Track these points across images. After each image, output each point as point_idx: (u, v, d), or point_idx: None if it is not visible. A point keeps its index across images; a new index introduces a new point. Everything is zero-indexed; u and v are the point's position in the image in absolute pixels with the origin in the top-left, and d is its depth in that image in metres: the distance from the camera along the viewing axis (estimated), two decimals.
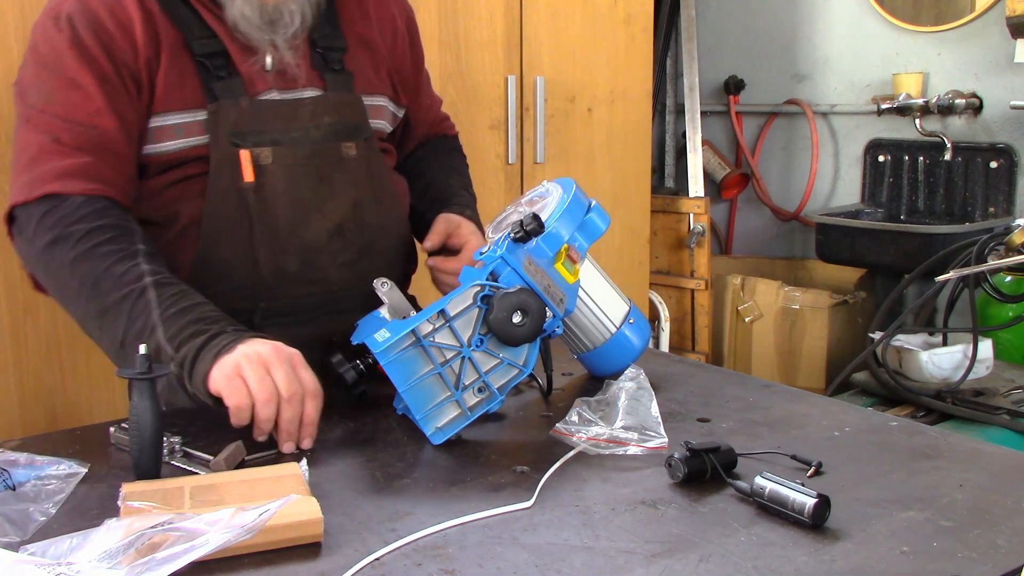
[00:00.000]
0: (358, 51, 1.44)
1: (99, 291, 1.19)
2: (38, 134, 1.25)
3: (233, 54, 1.32)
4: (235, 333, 1.15)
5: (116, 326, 1.18)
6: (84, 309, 1.22)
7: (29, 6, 1.74)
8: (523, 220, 1.18)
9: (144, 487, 0.96)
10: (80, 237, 1.21)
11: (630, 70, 2.86)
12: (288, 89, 1.35)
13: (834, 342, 3.08)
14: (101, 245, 1.21)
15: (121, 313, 1.17)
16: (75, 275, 1.21)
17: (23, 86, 1.29)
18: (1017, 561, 0.85)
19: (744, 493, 0.98)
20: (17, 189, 1.25)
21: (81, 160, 1.24)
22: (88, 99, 1.25)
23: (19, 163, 1.27)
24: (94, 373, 1.88)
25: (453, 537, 0.91)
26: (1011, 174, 2.89)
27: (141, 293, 1.17)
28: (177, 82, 1.29)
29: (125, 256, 1.20)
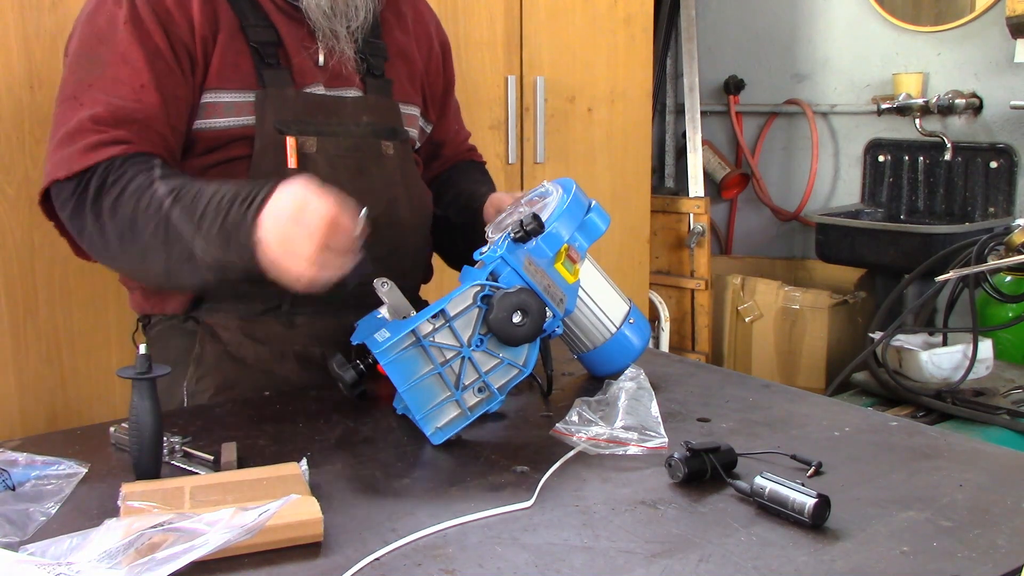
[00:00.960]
0: (396, 61, 1.50)
1: (134, 234, 1.22)
2: (78, 109, 1.26)
3: (288, 45, 1.36)
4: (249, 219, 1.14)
5: (157, 260, 1.22)
6: (128, 256, 1.25)
7: (29, 6, 1.74)
8: (523, 220, 1.18)
9: (144, 487, 0.96)
10: (116, 196, 1.22)
11: (630, 70, 2.86)
12: (333, 86, 1.40)
13: (834, 342, 3.08)
14: (125, 190, 1.23)
15: (157, 248, 1.21)
16: (113, 230, 1.23)
17: (72, 57, 1.30)
18: (1017, 561, 0.85)
19: (744, 493, 0.98)
20: (52, 166, 1.26)
21: (116, 133, 1.25)
22: (135, 75, 1.27)
23: (55, 136, 1.27)
24: (94, 373, 1.88)
25: (453, 537, 0.91)
26: (1011, 174, 2.89)
27: (167, 222, 1.20)
28: (232, 62, 1.33)
29: (144, 189, 1.22)
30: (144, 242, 1.21)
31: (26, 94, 1.75)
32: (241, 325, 1.38)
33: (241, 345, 1.38)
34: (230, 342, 1.38)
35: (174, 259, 1.21)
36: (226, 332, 1.38)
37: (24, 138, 1.76)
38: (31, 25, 1.75)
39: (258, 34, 1.35)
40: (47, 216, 1.35)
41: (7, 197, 1.75)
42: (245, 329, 1.39)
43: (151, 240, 1.21)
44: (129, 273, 1.39)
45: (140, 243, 1.22)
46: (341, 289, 1.38)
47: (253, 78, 1.33)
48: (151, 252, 1.22)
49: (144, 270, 1.28)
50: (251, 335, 1.39)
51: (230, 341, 1.38)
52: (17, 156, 1.76)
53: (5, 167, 1.74)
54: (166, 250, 1.21)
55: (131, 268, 1.32)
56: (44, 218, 1.77)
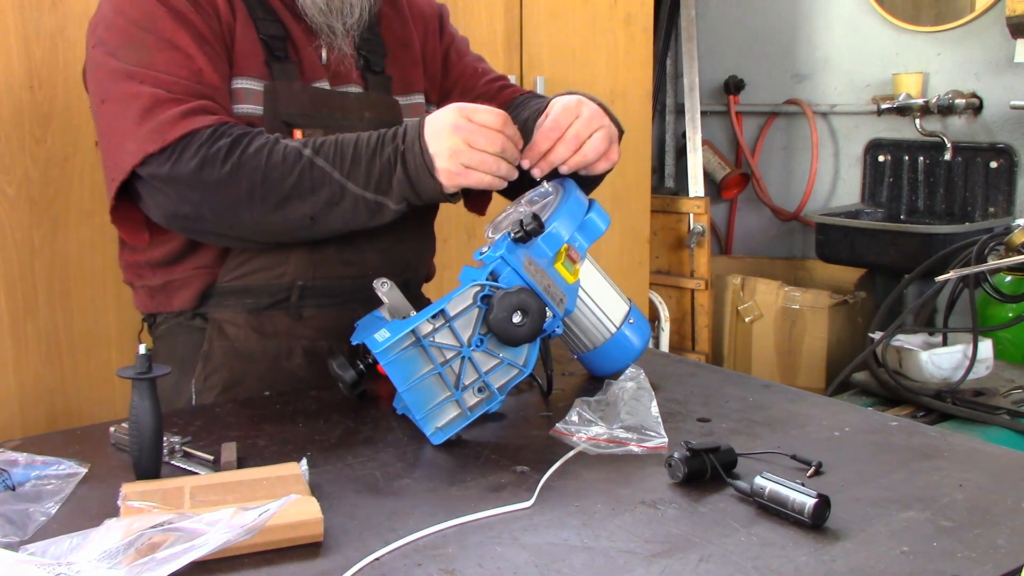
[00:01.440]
0: (397, 52, 1.51)
1: (269, 185, 1.23)
2: (146, 87, 1.24)
3: (297, 40, 1.38)
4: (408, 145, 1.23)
5: (303, 206, 1.25)
6: (259, 209, 1.25)
7: (29, 6, 1.75)
8: (523, 220, 1.18)
9: (144, 487, 0.96)
10: (227, 150, 1.22)
11: (630, 70, 2.86)
12: (337, 83, 1.42)
13: (834, 342, 3.08)
14: (248, 147, 1.23)
15: (303, 192, 1.24)
16: (239, 182, 1.23)
17: (111, 46, 1.28)
18: (1017, 561, 0.85)
19: (744, 493, 0.98)
20: (142, 140, 1.22)
21: (199, 103, 1.25)
22: (189, 60, 1.27)
23: (129, 115, 1.24)
24: (94, 373, 1.88)
25: (453, 537, 0.91)
26: (1011, 174, 2.90)
27: (311, 165, 1.23)
28: (249, 50, 1.35)
29: (273, 146, 1.24)
30: (285, 192, 1.23)
31: (26, 94, 1.75)
32: (249, 319, 1.39)
33: (249, 340, 1.39)
34: (237, 337, 1.39)
35: (321, 204, 1.24)
36: (233, 327, 1.39)
37: (24, 138, 1.76)
38: (31, 25, 1.75)
39: (267, 27, 1.37)
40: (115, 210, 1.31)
41: (7, 197, 1.75)
42: (253, 323, 1.39)
43: (293, 189, 1.23)
44: (248, 229, 1.29)
45: (278, 193, 1.23)
46: (346, 281, 1.39)
47: (264, 69, 1.35)
48: (294, 200, 1.24)
49: (276, 222, 1.26)
50: (259, 329, 1.39)
51: (237, 336, 1.39)
52: (17, 156, 1.76)
53: (5, 167, 1.75)
54: (313, 196, 1.24)
55: (257, 222, 1.26)
56: (44, 218, 1.79)
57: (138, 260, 1.43)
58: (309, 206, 1.25)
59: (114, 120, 1.27)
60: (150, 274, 1.42)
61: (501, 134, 1.22)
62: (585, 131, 1.29)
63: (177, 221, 1.29)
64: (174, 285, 1.40)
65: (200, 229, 1.31)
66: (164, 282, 1.41)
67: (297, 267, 1.38)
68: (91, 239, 1.85)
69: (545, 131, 1.28)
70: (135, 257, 1.43)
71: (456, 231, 2.44)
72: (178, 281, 1.40)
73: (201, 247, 1.37)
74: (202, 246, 1.37)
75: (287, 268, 1.38)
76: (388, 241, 1.44)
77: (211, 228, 1.29)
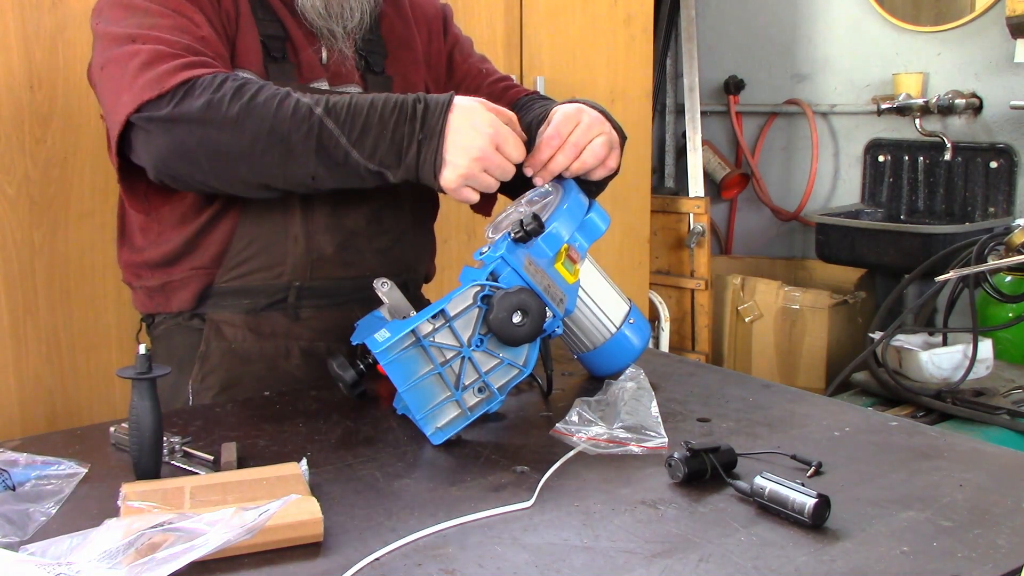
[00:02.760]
0: (399, 53, 1.51)
1: (275, 137, 1.19)
2: (148, 44, 1.22)
3: (296, 41, 1.38)
4: (426, 131, 1.20)
5: (305, 164, 1.21)
6: (259, 161, 1.21)
7: (29, 6, 1.75)
8: (523, 220, 1.18)
9: (144, 487, 0.96)
10: (232, 95, 1.19)
11: (630, 70, 2.86)
12: (336, 84, 1.41)
13: (834, 342, 3.08)
14: (257, 96, 1.20)
15: (307, 151, 1.20)
16: (243, 131, 1.19)
17: (115, 18, 1.26)
18: (1017, 561, 0.85)
19: (744, 493, 0.98)
20: (139, 89, 1.19)
21: (200, 59, 1.23)
22: (195, 27, 1.27)
23: (127, 71, 1.21)
24: (94, 373, 1.89)
25: (453, 537, 0.91)
26: (1011, 174, 2.90)
27: (320, 126, 1.20)
28: (249, 48, 1.34)
29: (284, 98, 1.20)
30: (289, 147, 1.20)
31: (26, 94, 1.75)
32: (247, 320, 1.39)
33: (246, 341, 1.39)
34: (235, 338, 1.39)
35: (323, 166, 1.21)
36: (231, 328, 1.39)
37: (24, 138, 1.76)
38: (31, 25, 1.75)
39: (265, 27, 1.37)
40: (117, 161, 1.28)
41: (7, 197, 1.75)
42: (251, 324, 1.39)
43: (298, 146, 1.20)
44: (240, 181, 1.25)
45: (282, 148, 1.20)
46: (345, 283, 1.39)
47: (262, 69, 1.35)
48: (297, 158, 1.21)
49: (274, 176, 1.23)
50: (256, 330, 1.39)
51: (235, 337, 1.39)
52: (17, 156, 1.76)
53: (5, 167, 1.74)
54: (316, 157, 1.21)
55: (255, 173, 1.23)
56: (44, 218, 1.79)
57: (136, 260, 1.43)
58: (311, 166, 1.22)
59: (112, 79, 1.23)
60: (148, 275, 1.42)
61: (515, 167, 1.23)
62: (584, 138, 1.29)
63: (168, 168, 1.23)
64: (172, 286, 1.40)
65: (190, 179, 1.25)
66: (162, 283, 1.41)
67: (295, 268, 1.38)
68: (91, 239, 1.85)
69: (547, 139, 1.28)
70: (133, 257, 1.44)
71: (456, 232, 2.44)
72: (176, 282, 1.40)
73: (199, 247, 1.37)
74: (200, 246, 1.37)
75: (285, 269, 1.38)
76: (387, 242, 1.43)
77: (202, 177, 1.24)
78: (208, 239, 1.37)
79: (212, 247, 1.37)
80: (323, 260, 1.39)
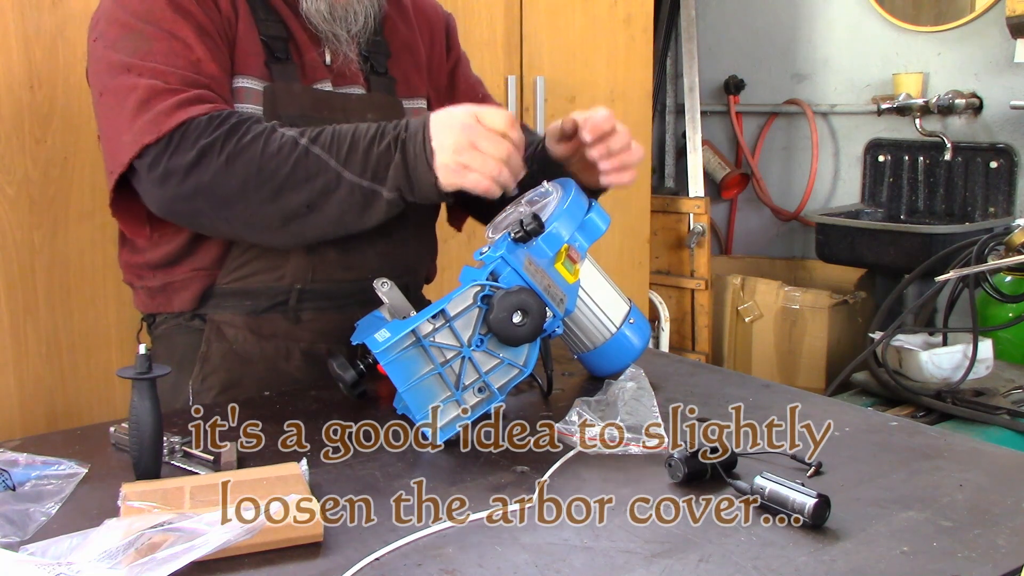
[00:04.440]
0: (401, 55, 1.52)
1: (265, 175, 1.22)
2: (144, 79, 1.24)
3: (300, 42, 1.39)
4: (410, 136, 1.23)
5: (298, 195, 1.23)
6: (255, 198, 1.23)
7: (29, 6, 1.75)
8: (523, 220, 1.18)
9: (144, 487, 0.96)
10: (223, 140, 1.21)
11: (630, 70, 2.86)
12: (340, 85, 1.42)
13: (834, 342, 3.08)
14: (244, 137, 1.22)
15: (298, 182, 1.23)
16: (234, 173, 1.22)
17: (110, 39, 1.28)
18: (1017, 561, 0.85)
19: (744, 493, 0.98)
20: (138, 132, 1.22)
21: (195, 93, 1.25)
22: (188, 49, 1.27)
23: (125, 107, 1.24)
24: (94, 373, 1.88)
25: (453, 537, 0.91)
26: (1011, 174, 2.90)
27: (306, 154, 1.22)
28: (250, 50, 1.35)
29: (269, 135, 1.23)
30: (279, 181, 1.22)
31: (26, 94, 1.75)
32: (247, 321, 1.39)
33: (247, 342, 1.39)
34: (236, 339, 1.39)
35: (317, 192, 1.23)
36: (232, 329, 1.39)
37: (24, 138, 1.76)
38: (31, 25, 1.75)
39: (268, 28, 1.37)
40: (115, 203, 1.31)
41: (7, 197, 1.75)
42: (251, 325, 1.39)
43: (288, 179, 1.22)
44: (242, 222, 1.27)
45: (273, 183, 1.22)
46: (346, 285, 1.39)
47: (264, 70, 1.35)
48: (289, 190, 1.23)
49: (271, 213, 1.25)
50: (257, 331, 1.39)
51: (236, 338, 1.39)
52: (17, 156, 1.76)
53: (5, 167, 1.74)
54: (308, 184, 1.23)
55: (252, 212, 1.25)
56: (44, 218, 1.79)
57: (137, 261, 1.43)
58: (305, 195, 1.24)
59: (111, 113, 1.27)
60: (149, 275, 1.42)
61: (507, 140, 1.21)
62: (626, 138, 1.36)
63: (174, 213, 1.28)
64: (174, 286, 1.40)
65: (197, 221, 1.30)
66: (163, 283, 1.41)
67: (296, 270, 1.38)
68: (91, 239, 1.85)
69: (604, 117, 1.31)
70: (134, 258, 1.44)
71: (456, 232, 2.44)
72: (177, 282, 1.40)
73: (200, 249, 1.37)
74: (201, 248, 1.37)
75: (286, 271, 1.38)
76: (388, 244, 1.43)
77: (207, 221, 1.29)
78: (210, 241, 1.37)
79: (213, 249, 1.37)
80: (324, 262, 1.39)
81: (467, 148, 1.20)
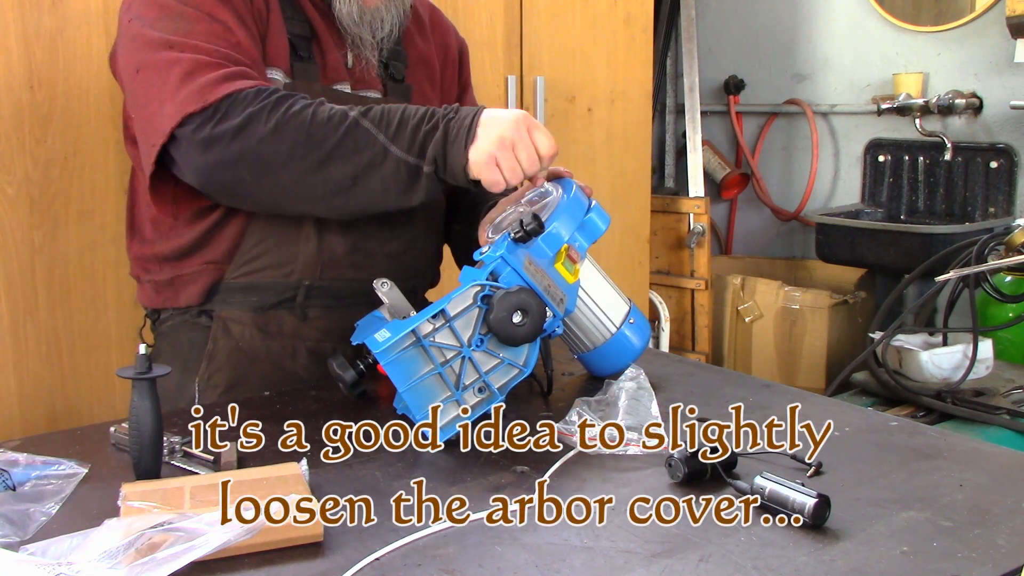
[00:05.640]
0: (417, 67, 1.54)
1: (313, 143, 1.22)
2: (186, 53, 1.23)
3: (324, 43, 1.40)
4: (458, 119, 1.24)
5: (344, 166, 1.24)
6: (300, 167, 1.24)
7: (29, 6, 1.74)
8: (523, 220, 1.18)
9: (144, 487, 0.96)
10: (270, 109, 1.22)
11: (630, 70, 2.86)
12: (358, 88, 1.43)
13: (834, 342, 3.08)
14: (292, 106, 1.23)
15: (346, 152, 1.23)
16: (282, 140, 1.22)
17: (149, 19, 1.27)
18: (1017, 561, 0.85)
19: (744, 493, 0.98)
20: (182, 102, 1.21)
21: (239, 69, 1.25)
22: (229, 32, 1.28)
23: (169, 80, 1.22)
24: (94, 373, 1.88)
25: (453, 537, 0.91)
26: (1011, 174, 2.89)
27: (356, 126, 1.23)
28: (278, 44, 1.36)
29: (317, 107, 1.24)
30: (327, 150, 1.22)
31: (26, 94, 1.75)
32: (254, 318, 1.39)
33: (253, 339, 1.39)
34: (242, 336, 1.39)
35: (363, 165, 1.23)
36: (238, 326, 1.39)
37: (24, 138, 1.76)
38: (31, 25, 1.75)
39: (294, 26, 1.38)
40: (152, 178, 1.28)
41: (7, 197, 1.75)
42: (258, 322, 1.39)
43: (337, 148, 1.22)
44: (283, 191, 1.27)
45: (321, 151, 1.22)
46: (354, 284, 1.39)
47: (288, 67, 1.37)
48: (336, 160, 1.23)
49: (316, 183, 1.25)
50: (264, 328, 1.40)
51: (242, 335, 1.39)
52: (17, 156, 1.76)
53: (5, 167, 1.74)
54: (355, 156, 1.23)
55: (296, 181, 1.25)
56: (44, 218, 1.79)
57: (147, 253, 1.43)
58: (351, 166, 1.23)
59: (151, 87, 1.25)
60: (158, 268, 1.42)
61: (541, 162, 1.25)
62: None
63: (214, 182, 1.26)
64: (182, 280, 1.40)
65: (236, 191, 1.27)
66: (172, 277, 1.41)
67: (305, 266, 1.38)
68: (91, 239, 1.85)
69: None
70: (144, 250, 1.44)
71: None
72: (186, 276, 1.40)
73: (212, 242, 1.37)
74: (213, 240, 1.37)
75: (295, 267, 1.38)
76: (398, 246, 1.44)
77: (248, 190, 1.26)
78: (221, 234, 1.37)
79: (224, 242, 1.37)
80: (334, 260, 1.39)
81: (507, 147, 1.22)
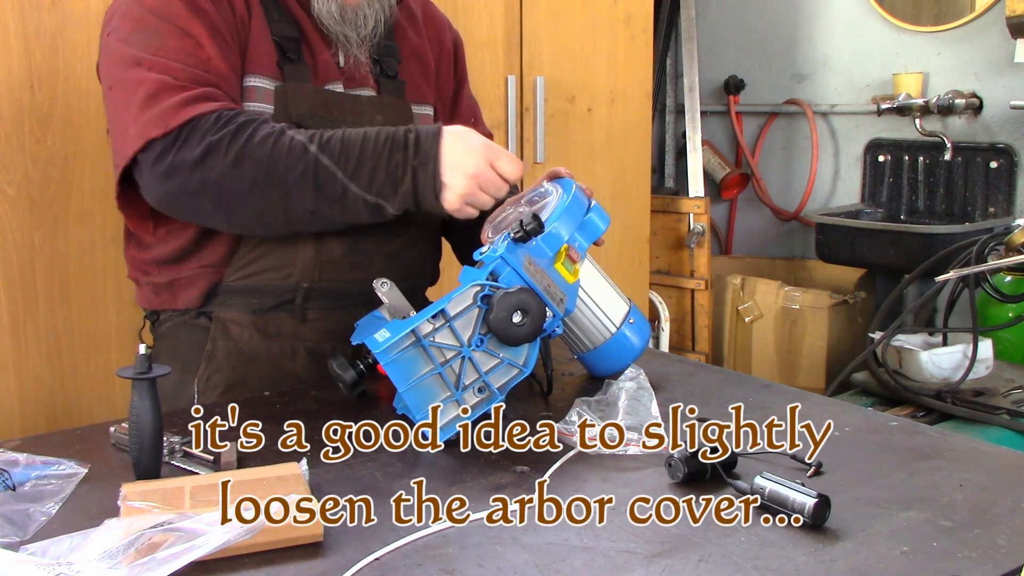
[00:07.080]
0: (410, 62, 1.54)
1: (273, 178, 1.24)
2: (153, 73, 1.25)
3: (314, 44, 1.40)
4: (417, 157, 1.26)
5: (304, 200, 1.26)
6: (261, 201, 1.26)
7: (29, 6, 1.75)
8: (523, 220, 1.18)
9: (144, 487, 0.96)
10: (230, 139, 1.23)
11: (630, 70, 2.86)
12: (350, 87, 1.44)
13: (834, 342, 3.08)
14: (253, 136, 1.24)
15: (306, 189, 1.25)
16: (242, 174, 1.23)
17: (124, 33, 1.29)
18: (1017, 561, 0.85)
19: (744, 493, 0.98)
20: (144, 125, 1.23)
21: (203, 90, 1.26)
22: (199, 48, 1.28)
23: (133, 101, 1.25)
24: (94, 373, 1.89)
25: (453, 537, 0.91)
26: (1011, 174, 2.90)
27: (315, 163, 1.24)
28: (263, 50, 1.36)
29: (278, 137, 1.25)
30: (287, 187, 1.24)
31: (26, 94, 1.75)
32: (253, 319, 1.39)
33: (253, 340, 1.39)
34: (241, 338, 1.39)
35: (323, 200, 1.26)
36: (238, 327, 1.39)
37: (24, 138, 1.76)
38: (31, 25, 1.75)
39: (280, 29, 1.38)
40: (121, 195, 1.32)
41: (7, 197, 1.75)
42: (258, 323, 1.39)
43: (296, 184, 1.24)
44: (243, 220, 1.30)
45: (282, 186, 1.24)
46: (352, 286, 1.40)
47: (277, 70, 1.36)
48: (295, 195, 1.25)
49: (275, 214, 1.27)
50: (263, 330, 1.40)
51: (241, 337, 1.39)
52: (17, 156, 1.76)
53: (5, 167, 1.75)
54: (315, 192, 1.25)
55: (257, 213, 1.28)
56: (44, 218, 1.79)
57: (144, 257, 1.43)
58: (310, 201, 1.26)
59: (119, 106, 1.27)
60: (156, 271, 1.42)
61: (508, 184, 1.28)
62: None
63: (175, 208, 1.29)
64: (180, 283, 1.40)
65: (199, 218, 1.31)
66: (170, 280, 1.41)
67: (303, 269, 1.38)
68: (91, 239, 1.85)
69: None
70: (141, 254, 1.44)
71: None
72: (184, 279, 1.40)
73: (208, 246, 1.38)
74: (209, 245, 1.38)
75: (293, 270, 1.38)
76: (396, 247, 1.44)
77: (210, 219, 1.30)
78: (218, 237, 1.37)
79: (221, 247, 1.38)
80: (332, 262, 1.39)
81: (475, 191, 1.26)
